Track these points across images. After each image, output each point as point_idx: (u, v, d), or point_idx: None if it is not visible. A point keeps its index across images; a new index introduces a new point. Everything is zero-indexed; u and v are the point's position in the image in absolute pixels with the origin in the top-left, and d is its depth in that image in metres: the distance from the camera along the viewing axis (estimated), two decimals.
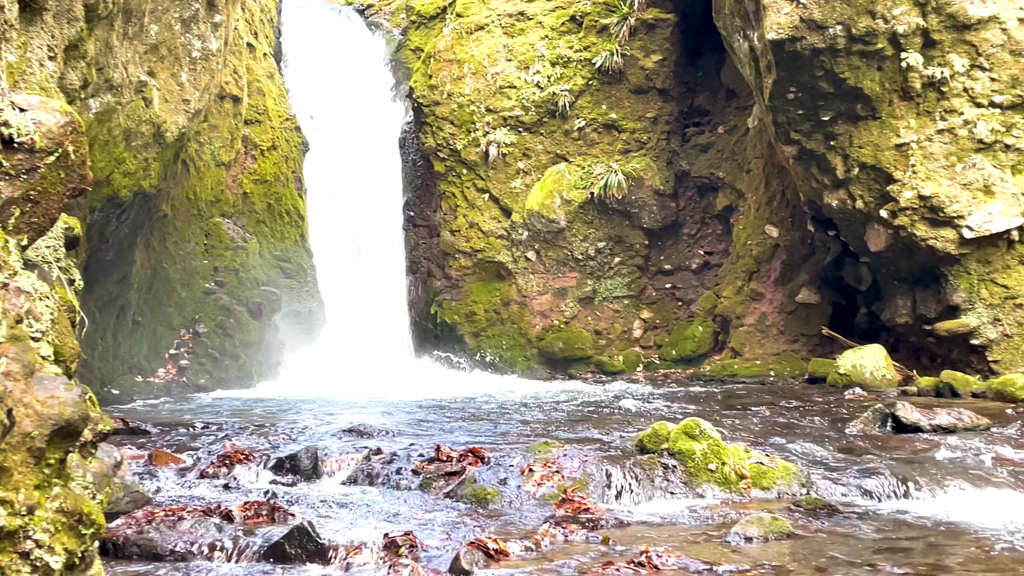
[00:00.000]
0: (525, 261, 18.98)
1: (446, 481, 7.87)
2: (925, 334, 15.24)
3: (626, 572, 5.71)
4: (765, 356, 17.65)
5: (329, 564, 5.80)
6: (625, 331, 19.11)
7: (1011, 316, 14.39)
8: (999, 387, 13.27)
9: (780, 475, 8.14)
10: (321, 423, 10.82)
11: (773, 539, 6.55)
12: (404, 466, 8.23)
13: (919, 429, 10.66)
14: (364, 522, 6.89)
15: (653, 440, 8.44)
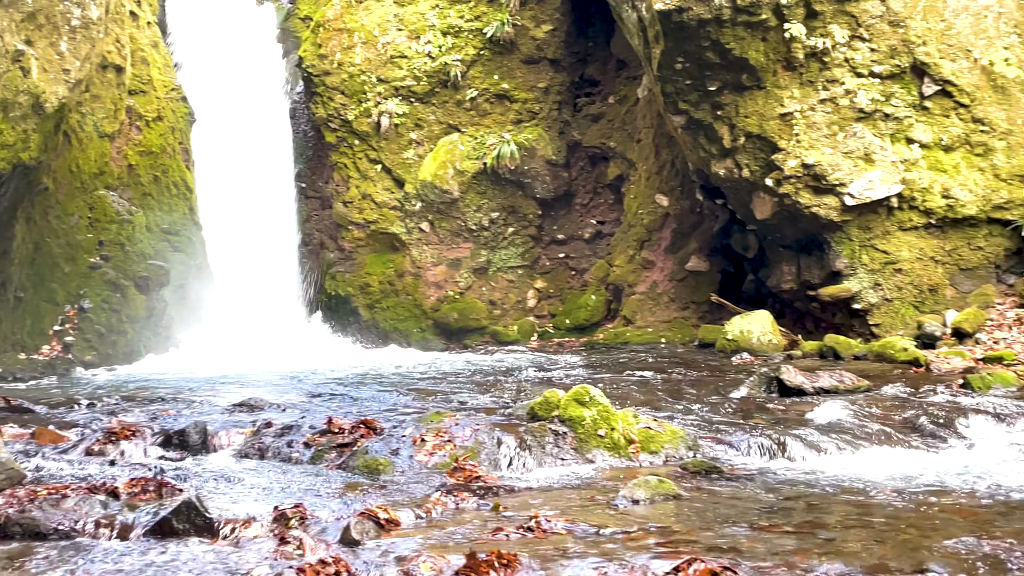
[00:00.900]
0: (419, 232, 18.93)
1: (338, 453, 7.86)
2: (809, 299, 15.64)
3: (515, 537, 5.79)
4: (656, 323, 17.92)
5: (218, 538, 5.76)
6: (519, 301, 19.21)
7: (891, 281, 14.85)
8: (879, 350, 13.70)
9: (668, 439, 8.31)
10: (211, 398, 10.70)
11: (660, 501, 6.70)
12: (295, 439, 8.20)
13: (802, 392, 10.97)
14: (254, 496, 6.85)
15: (544, 408, 8.53)
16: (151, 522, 5.91)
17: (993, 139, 14.68)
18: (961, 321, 13.96)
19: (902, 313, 14.81)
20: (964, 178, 14.64)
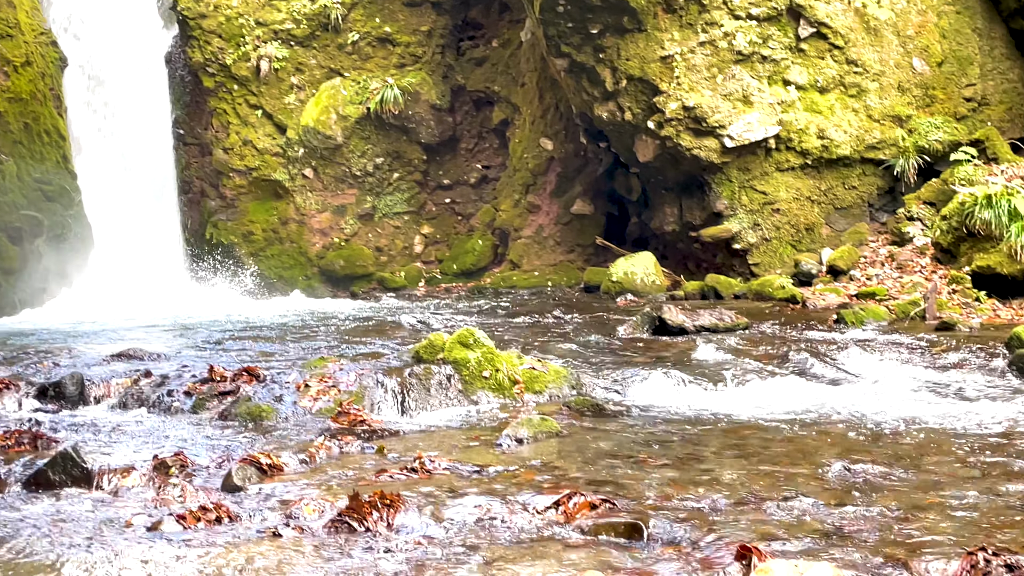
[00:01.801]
0: (302, 179, 18.67)
1: (219, 401, 7.78)
2: (691, 240, 15.92)
3: (399, 478, 5.81)
4: (543, 267, 18.05)
5: (96, 488, 5.66)
6: (406, 247, 19.14)
7: (769, 221, 15.19)
8: (758, 288, 14.05)
9: (552, 379, 8.41)
10: (89, 349, 10.45)
11: (543, 439, 6.79)
12: (176, 388, 8.08)
13: (684, 330, 11.19)
14: (134, 445, 6.75)
15: (429, 351, 8.55)
16: (27, 475, 5.78)
17: (866, 80, 15.06)
18: (836, 259, 14.36)
19: (780, 252, 15.18)
20: (838, 119, 15.01)
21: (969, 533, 4.67)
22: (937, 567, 4.20)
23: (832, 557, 4.30)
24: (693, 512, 5.12)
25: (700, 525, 4.89)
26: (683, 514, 5.08)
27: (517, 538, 4.82)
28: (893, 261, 14.00)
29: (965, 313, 11.83)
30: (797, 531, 4.78)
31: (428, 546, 4.71)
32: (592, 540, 4.78)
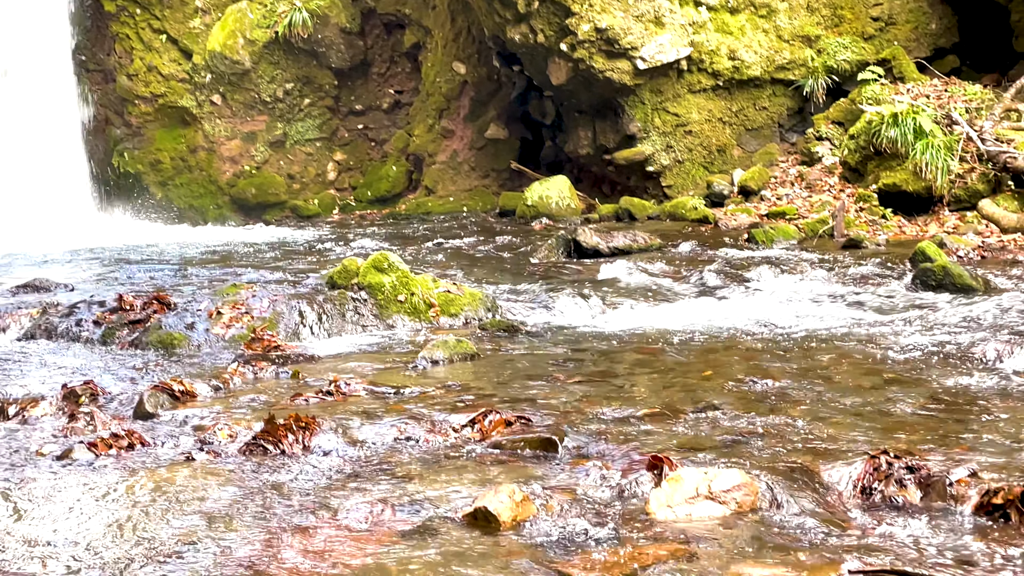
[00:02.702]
0: (210, 105, 18.27)
1: (130, 330, 7.66)
2: (605, 163, 15.95)
3: (315, 402, 5.80)
4: (458, 192, 17.97)
5: (4, 419, 5.56)
6: (319, 174, 18.90)
7: (682, 143, 15.27)
8: (672, 210, 14.16)
9: (467, 302, 8.42)
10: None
11: (459, 360, 6.82)
12: (85, 317, 7.93)
13: (599, 252, 11.26)
14: (42, 376, 6.63)
15: (343, 276, 8.50)
16: None
17: (776, 0, 15.12)
18: (747, 179, 14.51)
19: (693, 174, 15.30)
20: (749, 40, 15.08)
21: (873, 438, 4.81)
22: (841, 471, 4.32)
23: (741, 464, 4.41)
24: (607, 426, 5.20)
25: (614, 438, 4.97)
26: (597, 428, 5.16)
27: (433, 456, 4.86)
28: (803, 181, 14.20)
29: (872, 230, 12.08)
30: (708, 441, 4.89)
31: (345, 467, 4.72)
32: (508, 456, 4.83)
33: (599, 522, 3.95)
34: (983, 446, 4.67)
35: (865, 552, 3.63)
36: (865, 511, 4.07)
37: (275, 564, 3.59)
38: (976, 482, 4.10)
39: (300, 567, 3.57)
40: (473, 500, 4.06)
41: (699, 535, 3.81)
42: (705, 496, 4.06)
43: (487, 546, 3.73)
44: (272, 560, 3.63)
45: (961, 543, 3.72)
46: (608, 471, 4.50)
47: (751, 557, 3.60)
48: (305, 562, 3.62)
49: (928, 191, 12.35)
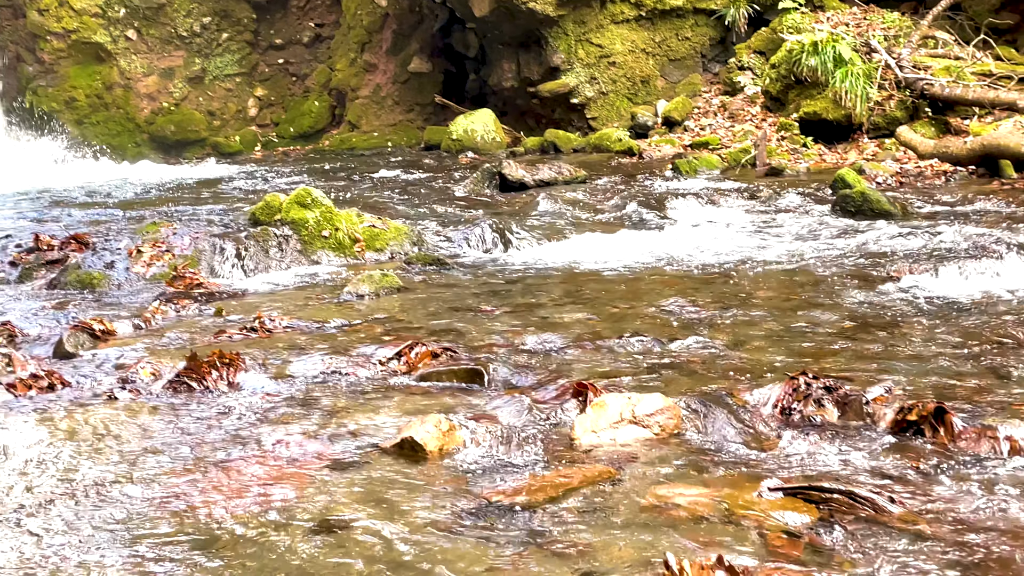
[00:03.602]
0: (126, 41, 17.82)
1: (48, 270, 7.51)
2: (530, 96, 15.88)
3: (239, 338, 5.75)
4: (382, 127, 17.80)
5: None
6: (240, 110, 18.59)
7: (606, 74, 15.25)
8: (596, 141, 14.18)
9: (393, 236, 8.38)
10: None
11: (384, 294, 6.79)
12: (0, 259, 7.75)
13: (524, 185, 11.25)
14: None
15: (266, 212, 8.40)
16: None
17: None
18: (671, 110, 14.55)
19: (617, 105, 15.30)
20: None
21: (793, 361, 4.90)
22: (762, 393, 4.40)
23: (664, 389, 4.47)
24: (533, 356, 5.23)
25: (540, 367, 5.01)
26: (524, 358, 5.18)
27: (360, 389, 4.85)
28: (725, 111, 14.27)
29: (793, 159, 12.21)
30: (632, 367, 4.94)
31: (270, 401, 4.70)
32: (434, 387, 4.85)
33: (525, 449, 3.99)
34: (898, 365, 4.78)
35: (785, 470, 3.72)
36: (785, 431, 4.15)
37: (201, 499, 3.57)
38: (891, 400, 4.21)
39: (226, 501, 3.56)
40: (399, 431, 4.07)
41: (623, 459, 3.87)
42: (629, 421, 4.11)
43: (414, 475, 3.75)
44: (198, 495, 3.61)
45: (877, 459, 3.82)
46: (534, 399, 4.53)
47: (674, 478, 3.66)
48: (231, 496, 3.60)
49: (848, 119, 12.49)
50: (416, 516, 3.39)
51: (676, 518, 3.34)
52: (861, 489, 3.44)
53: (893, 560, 3.04)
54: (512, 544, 3.17)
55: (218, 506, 3.51)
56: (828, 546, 3.16)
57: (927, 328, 5.48)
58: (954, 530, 3.23)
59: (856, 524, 3.28)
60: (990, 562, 3.02)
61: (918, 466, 3.74)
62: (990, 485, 3.55)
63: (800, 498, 3.42)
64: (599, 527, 3.29)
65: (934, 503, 3.43)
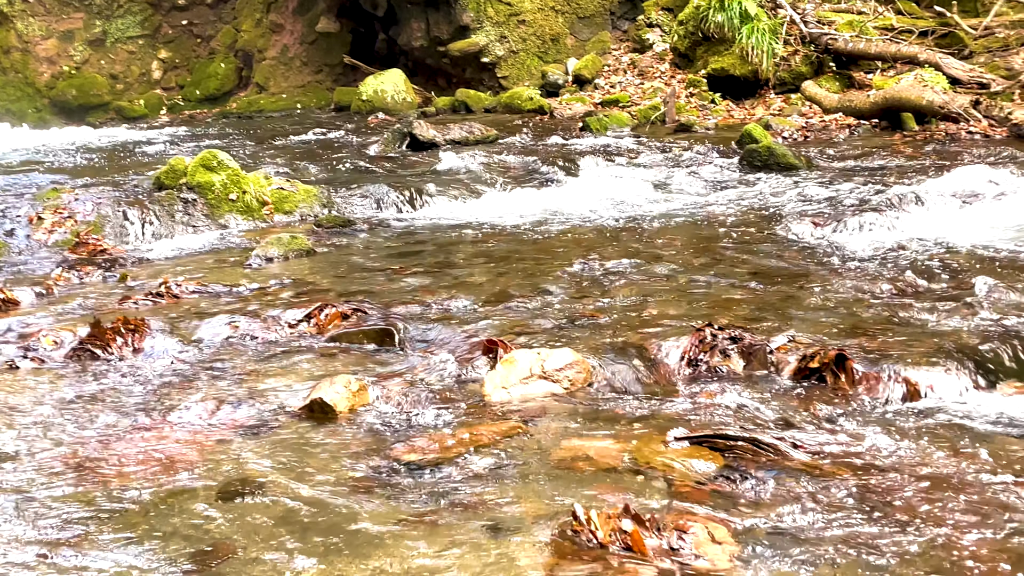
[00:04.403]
0: (22, 3, 17.26)
1: None
2: (440, 56, 15.76)
3: (144, 304, 5.66)
4: (291, 89, 17.54)
5: None
6: (144, 73, 18.16)
7: (515, 33, 15.19)
8: (508, 101, 14.13)
9: (302, 198, 8.30)
10: None
11: (293, 257, 6.73)
12: None
13: (435, 145, 11.19)
14: None
15: (171, 176, 8.24)
16: None
17: None
18: (581, 68, 14.57)
19: (527, 64, 15.27)
20: None
21: (700, 313, 4.96)
22: (669, 345, 4.46)
23: (573, 344, 4.50)
24: (444, 315, 5.23)
25: (451, 326, 5.00)
26: (434, 317, 5.18)
27: (270, 352, 4.81)
28: (635, 68, 14.33)
29: (702, 115, 12.31)
30: (543, 323, 4.96)
31: (178, 366, 4.64)
32: (345, 348, 4.83)
33: (436, 407, 4.00)
34: (801, 315, 4.87)
35: (691, 420, 3.78)
36: (692, 382, 4.22)
37: (105, 467, 3.52)
38: (795, 348, 4.30)
39: (133, 467, 3.52)
40: (309, 393, 4.05)
41: (533, 413, 3.90)
42: (539, 376, 4.14)
43: (324, 436, 3.74)
44: (103, 462, 3.56)
45: (781, 406, 3.90)
46: (445, 357, 4.54)
47: (582, 431, 3.71)
48: (137, 463, 3.56)
49: (755, 75, 12.63)
50: (326, 476, 3.38)
51: (585, 470, 3.38)
52: (764, 436, 3.51)
53: (795, 503, 3.12)
54: (422, 501, 3.19)
55: (123, 474, 3.46)
56: (732, 492, 3.22)
57: (830, 278, 5.59)
58: (854, 472, 3.31)
59: (760, 470, 3.35)
60: (888, 502, 3.11)
61: (820, 412, 3.83)
62: (888, 428, 3.65)
63: (706, 446, 3.49)
64: (508, 481, 3.32)
65: (835, 447, 3.52)
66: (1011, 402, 3.82)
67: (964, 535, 2.89)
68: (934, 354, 4.13)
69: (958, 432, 3.60)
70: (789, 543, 2.88)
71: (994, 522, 2.96)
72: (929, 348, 4.20)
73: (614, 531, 2.83)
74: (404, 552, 2.84)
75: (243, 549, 2.89)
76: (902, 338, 4.40)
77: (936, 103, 10.49)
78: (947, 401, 3.88)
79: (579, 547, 2.82)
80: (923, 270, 5.66)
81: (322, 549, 2.87)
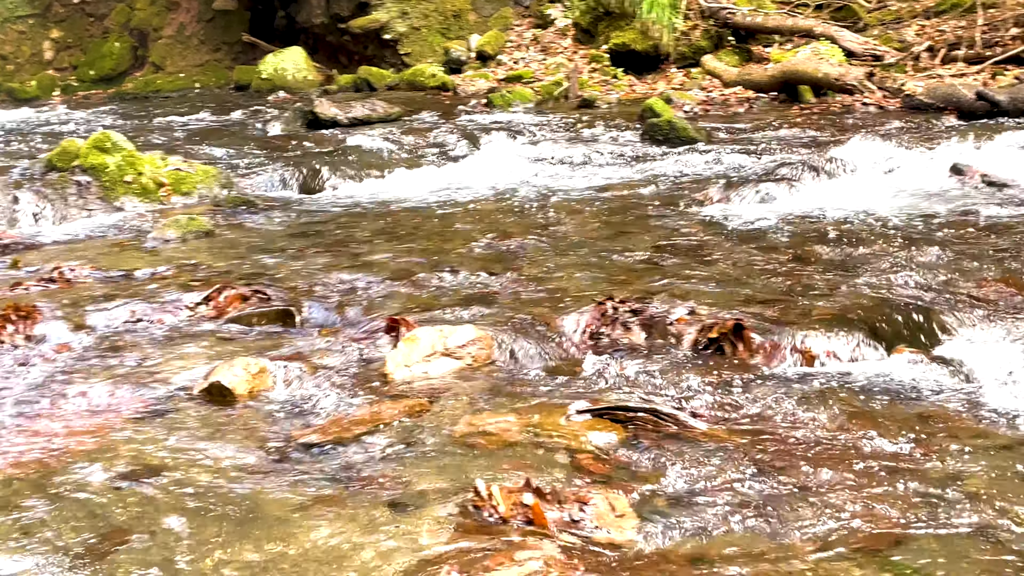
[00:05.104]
0: None
1: None
2: (341, 33, 15.59)
3: (37, 290, 5.50)
4: (189, 68, 17.21)
5: None
6: (35, 54, 17.65)
7: (417, 9, 15.07)
8: (410, 78, 14.04)
9: (200, 179, 8.14)
10: None
11: (192, 239, 6.60)
12: None
13: (337, 123, 11.08)
14: None
15: (63, 158, 8.02)
16: None
17: None
18: (484, 44, 14.53)
19: (430, 40, 15.18)
20: None
21: (603, 287, 4.99)
22: (571, 319, 4.48)
23: (477, 320, 4.49)
24: (347, 294, 5.18)
25: (353, 305, 4.96)
26: (337, 297, 5.13)
27: (167, 337, 4.72)
28: (538, 44, 14.34)
29: (605, 90, 12.37)
30: (446, 301, 4.95)
31: (72, 353, 4.52)
32: (244, 331, 4.75)
33: (338, 388, 3.96)
34: (702, 286, 4.93)
35: (593, 393, 3.80)
36: (594, 355, 4.23)
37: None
38: (694, 320, 4.35)
39: (25, 456, 3.42)
40: (207, 376, 3.98)
41: (435, 391, 3.88)
42: (441, 353, 4.12)
43: (222, 420, 3.68)
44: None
45: (681, 377, 3.94)
46: (347, 337, 4.50)
47: (485, 407, 3.70)
48: (30, 450, 3.46)
49: (656, 49, 12.72)
50: (225, 460, 3.33)
51: (487, 446, 3.38)
52: (664, 406, 3.55)
53: (694, 472, 3.15)
54: (322, 482, 3.16)
55: (15, 462, 3.37)
56: (633, 463, 3.25)
57: (730, 249, 5.67)
58: (751, 440, 3.37)
59: (660, 440, 3.38)
60: (784, 467, 3.17)
61: (719, 381, 3.88)
62: (784, 395, 3.71)
63: (607, 419, 3.51)
64: (411, 459, 3.30)
65: (733, 415, 3.58)
66: (902, 367, 3.91)
67: (857, 498, 2.95)
68: (829, 321, 4.21)
69: (852, 397, 3.68)
70: (688, 511, 2.91)
71: (886, 484, 3.03)
72: (824, 316, 4.29)
73: (516, 505, 2.83)
74: (304, 534, 2.81)
75: (138, 536, 2.83)
76: (798, 306, 4.48)
77: (832, 76, 10.69)
78: (841, 367, 3.96)
79: (481, 522, 2.82)
80: (819, 240, 5.78)
81: (220, 533, 2.83)
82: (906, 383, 3.79)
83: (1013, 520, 2.81)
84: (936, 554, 2.66)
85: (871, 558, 2.65)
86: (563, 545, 2.72)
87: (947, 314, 4.34)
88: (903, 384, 3.79)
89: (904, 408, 3.58)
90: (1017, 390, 3.67)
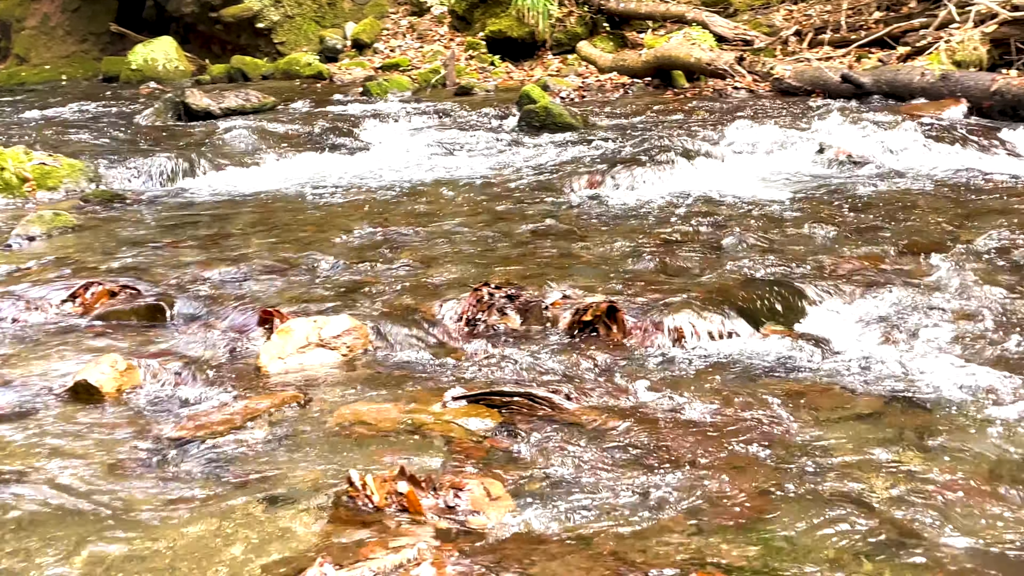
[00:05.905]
0: None
1: None
2: (213, 22, 15.28)
3: None
4: (55, 60, 16.69)
5: None
6: None
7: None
8: (285, 67, 13.86)
9: (67, 173, 7.91)
10: None
11: (57, 235, 6.41)
12: None
13: (211, 114, 10.87)
14: None
15: None
16: None
17: None
18: (360, 32, 14.41)
19: (305, 29, 14.99)
20: None
21: (480, 274, 5.00)
22: (448, 306, 4.48)
23: (353, 310, 4.46)
24: (220, 287, 5.09)
25: (227, 299, 4.87)
26: (209, 291, 5.03)
27: (31, 335, 4.57)
28: (414, 31, 14.27)
29: (482, 77, 12.38)
30: (322, 292, 4.90)
31: None
32: (113, 327, 4.63)
33: (210, 382, 3.89)
34: (577, 271, 4.98)
35: (469, 379, 3.81)
36: (471, 341, 4.24)
37: None
38: (569, 303, 4.38)
39: None
40: (73, 375, 3.87)
41: (310, 382, 3.85)
42: (316, 344, 4.08)
43: (89, 419, 3.58)
44: None
45: (557, 360, 3.97)
46: (220, 331, 4.43)
47: (361, 397, 3.68)
48: None
49: (532, 36, 12.78)
50: (91, 461, 3.24)
51: (363, 436, 3.36)
52: (539, 390, 3.57)
53: (568, 455, 3.18)
54: (193, 479, 3.10)
55: None
56: (508, 447, 3.27)
57: (604, 233, 5.73)
58: (625, 420, 3.41)
59: (535, 423, 3.41)
60: (657, 447, 3.22)
61: (593, 363, 3.92)
62: (657, 374, 3.77)
63: (482, 404, 3.52)
64: (285, 452, 3.27)
65: (607, 397, 3.62)
66: (770, 344, 4.01)
67: (728, 473, 3.02)
68: (700, 302, 4.28)
69: (722, 374, 3.76)
70: (563, 494, 2.94)
71: (757, 457, 3.11)
72: (695, 296, 4.36)
73: (390, 494, 2.82)
74: (174, 531, 2.75)
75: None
76: (670, 288, 4.56)
77: (704, 61, 10.87)
78: (712, 345, 4.04)
79: (355, 512, 2.80)
80: (691, 222, 5.88)
81: (84, 537, 2.75)
82: (773, 359, 3.89)
83: (875, 487, 2.90)
84: (804, 524, 2.73)
85: (742, 533, 2.70)
86: (438, 531, 2.72)
87: (811, 291, 4.47)
88: (771, 360, 3.88)
89: (772, 383, 3.67)
90: (873, 362, 3.79)
